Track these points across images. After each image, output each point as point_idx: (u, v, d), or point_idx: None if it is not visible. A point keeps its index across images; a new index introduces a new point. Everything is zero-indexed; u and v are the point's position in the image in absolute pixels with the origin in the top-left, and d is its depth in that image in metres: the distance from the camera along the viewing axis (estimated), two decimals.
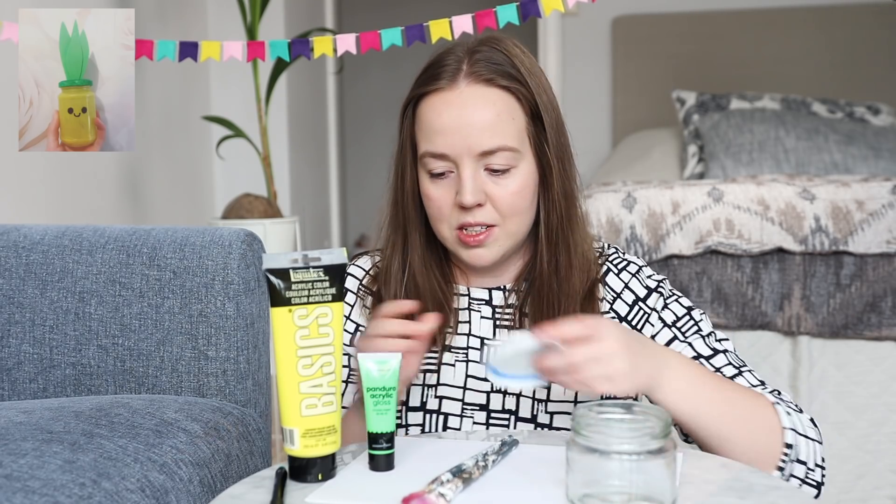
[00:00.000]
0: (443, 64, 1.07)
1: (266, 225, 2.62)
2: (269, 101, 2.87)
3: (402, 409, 1.11)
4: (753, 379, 1.06)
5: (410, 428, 1.11)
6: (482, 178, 1.05)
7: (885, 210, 1.86)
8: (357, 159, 5.36)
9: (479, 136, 1.04)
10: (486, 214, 1.06)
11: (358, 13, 5.24)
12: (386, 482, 0.86)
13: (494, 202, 1.06)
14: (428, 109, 1.07)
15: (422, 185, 1.09)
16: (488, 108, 1.04)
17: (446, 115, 1.05)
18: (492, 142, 1.04)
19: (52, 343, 1.32)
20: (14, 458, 0.93)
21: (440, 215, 1.08)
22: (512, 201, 1.06)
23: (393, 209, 1.14)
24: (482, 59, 1.06)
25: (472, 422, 1.10)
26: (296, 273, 0.87)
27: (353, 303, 1.18)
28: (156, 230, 1.35)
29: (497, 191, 1.06)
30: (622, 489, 0.77)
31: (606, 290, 1.13)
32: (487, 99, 1.05)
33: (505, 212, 1.06)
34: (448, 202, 1.07)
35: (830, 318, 1.87)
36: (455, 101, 1.05)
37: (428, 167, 1.07)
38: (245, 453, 1.17)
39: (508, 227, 1.08)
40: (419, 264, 1.12)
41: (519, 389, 1.09)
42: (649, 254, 1.90)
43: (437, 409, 1.10)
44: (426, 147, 1.07)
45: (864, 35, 3.55)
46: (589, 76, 3.87)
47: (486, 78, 1.05)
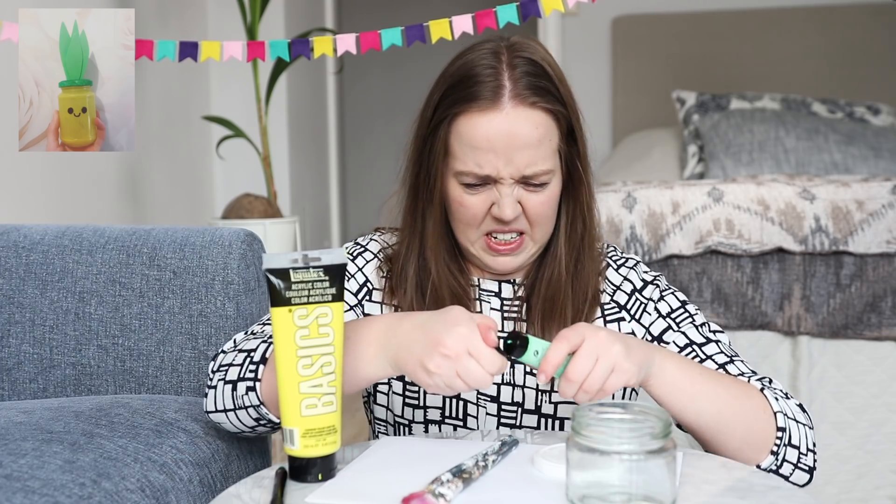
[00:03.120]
0: (481, 77, 1.06)
1: (266, 225, 2.62)
2: (269, 101, 2.87)
3: (419, 390, 1.11)
4: (745, 367, 1.07)
5: (429, 410, 1.11)
6: (518, 192, 1.07)
7: (885, 210, 1.86)
8: (357, 159, 5.36)
9: (523, 160, 1.04)
10: (517, 223, 1.08)
11: (358, 13, 5.24)
12: (386, 482, 0.86)
13: (526, 212, 1.08)
14: (470, 128, 1.05)
15: (454, 194, 1.09)
16: (533, 132, 1.05)
17: (493, 137, 1.04)
18: (534, 167, 1.05)
19: (52, 343, 1.32)
20: (14, 458, 0.93)
21: (473, 222, 1.09)
22: (542, 211, 1.08)
23: (411, 212, 1.13)
24: (525, 76, 1.06)
25: (485, 412, 1.11)
26: (296, 273, 0.87)
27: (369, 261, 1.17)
28: (156, 230, 1.35)
29: (529, 201, 1.07)
30: (622, 489, 0.77)
31: (606, 283, 1.16)
32: (532, 122, 1.05)
33: (534, 220, 1.08)
34: (482, 211, 1.08)
35: (830, 318, 1.87)
36: (501, 123, 1.04)
37: (465, 180, 1.07)
38: (245, 453, 1.17)
39: (535, 235, 1.10)
40: (435, 256, 1.12)
41: None
42: (649, 254, 1.90)
43: (457, 395, 1.10)
44: (466, 166, 1.06)
45: (864, 35, 3.55)
46: (589, 76, 3.87)
47: (531, 101, 1.05)
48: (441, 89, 1.09)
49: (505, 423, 1.10)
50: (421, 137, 1.11)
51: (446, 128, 1.08)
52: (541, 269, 1.14)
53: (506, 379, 1.11)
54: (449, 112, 1.07)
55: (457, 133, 1.07)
